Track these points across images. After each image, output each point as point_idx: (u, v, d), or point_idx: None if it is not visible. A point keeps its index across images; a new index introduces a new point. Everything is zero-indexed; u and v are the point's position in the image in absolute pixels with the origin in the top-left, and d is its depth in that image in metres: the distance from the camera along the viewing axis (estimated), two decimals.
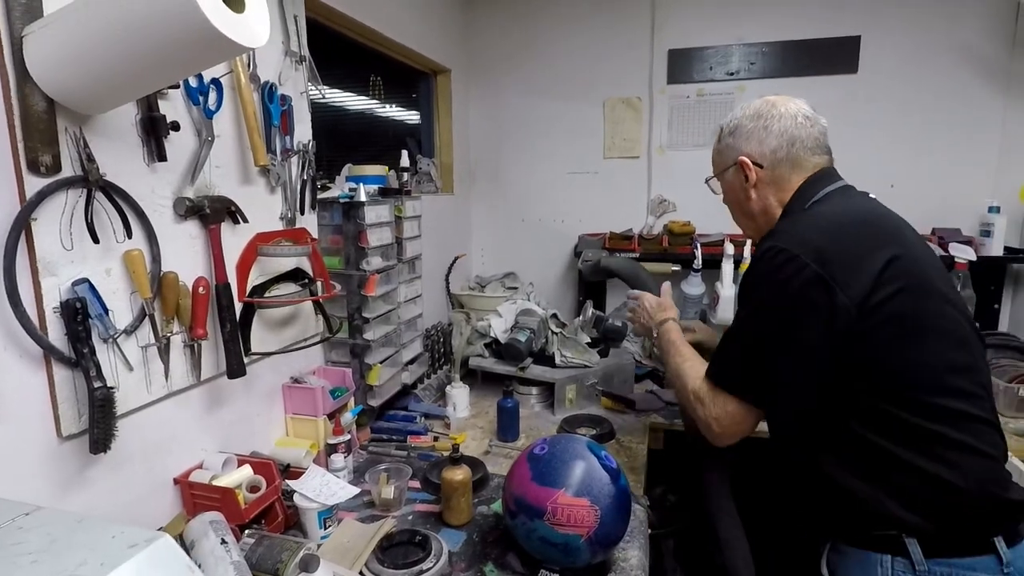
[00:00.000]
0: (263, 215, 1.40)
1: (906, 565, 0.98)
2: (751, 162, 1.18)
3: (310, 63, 1.51)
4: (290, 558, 1.10)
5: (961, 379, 1.00)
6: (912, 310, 0.98)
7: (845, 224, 1.06)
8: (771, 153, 1.16)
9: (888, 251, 0.99)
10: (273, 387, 1.51)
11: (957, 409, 0.98)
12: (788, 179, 1.17)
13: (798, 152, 1.15)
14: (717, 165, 1.29)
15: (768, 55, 2.57)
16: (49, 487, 0.97)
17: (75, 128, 0.94)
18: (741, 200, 1.24)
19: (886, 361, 0.98)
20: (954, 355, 1.00)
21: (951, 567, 0.97)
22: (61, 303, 0.94)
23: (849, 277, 0.98)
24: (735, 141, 1.21)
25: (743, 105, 1.23)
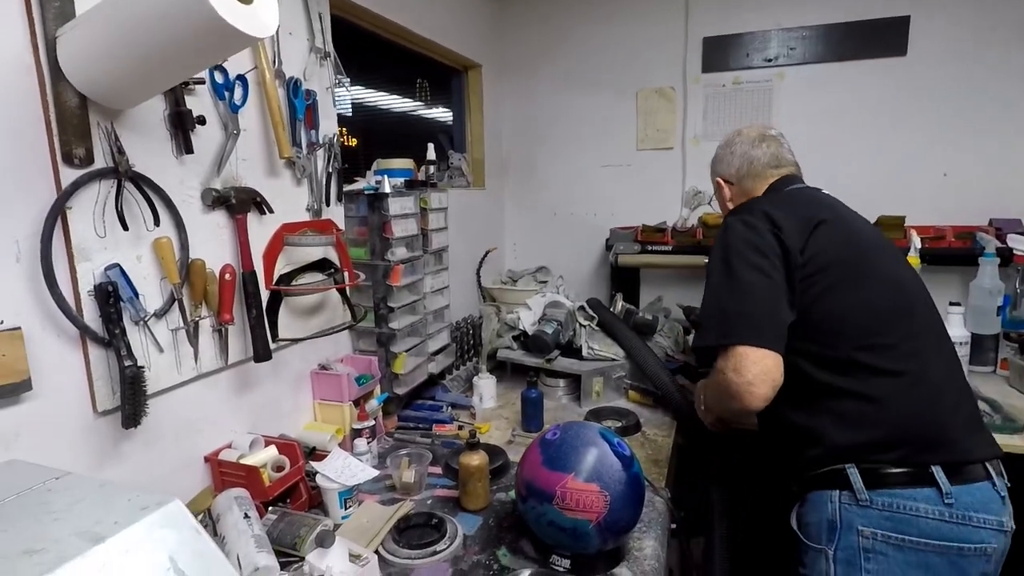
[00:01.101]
0: (289, 206, 1.45)
1: (850, 497, 1.08)
2: (723, 181, 1.50)
3: (335, 59, 1.56)
4: (307, 533, 1.15)
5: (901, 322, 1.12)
6: (842, 259, 1.14)
7: (786, 199, 1.30)
8: (736, 172, 1.46)
9: (817, 215, 1.19)
10: (301, 373, 1.57)
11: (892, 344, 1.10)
12: (752, 188, 1.43)
13: (756, 168, 1.42)
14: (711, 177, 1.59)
15: (809, 39, 2.48)
16: (86, 458, 1.04)
17: (107, 123, 1.00)
18: (724, 207, 1.55)
19: (819, 305, 1.13)
20: (889, 300, 1.14)
21: (892, 496, 1.05)
22: (95, 286, 1.00)
23: (790, 229, 1.16)
24: (714, 167, 1.54)
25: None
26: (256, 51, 1.30)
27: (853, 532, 1.08)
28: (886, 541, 1.06)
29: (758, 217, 1.20)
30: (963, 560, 1.03)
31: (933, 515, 1.03)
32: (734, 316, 1.14)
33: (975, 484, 1.04)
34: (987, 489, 1.05)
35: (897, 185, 2.43)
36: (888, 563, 1.06)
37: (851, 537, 1.09)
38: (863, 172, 2.45)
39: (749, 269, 1.15)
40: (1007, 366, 2.09)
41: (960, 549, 1.03)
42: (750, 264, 1.16)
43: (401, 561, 1.15)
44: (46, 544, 0.65)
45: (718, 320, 1.17)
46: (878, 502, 1.06)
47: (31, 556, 0.63)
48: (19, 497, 0.76)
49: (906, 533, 1.04)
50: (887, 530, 1.05)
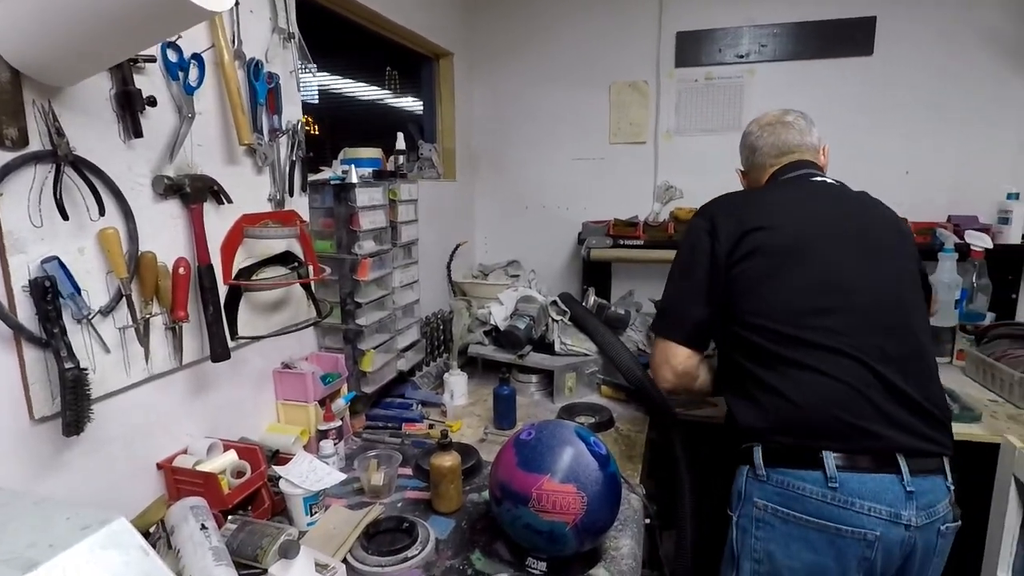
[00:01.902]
0: (250, 196, 1.37)
1: (752, 472, 1.20)
2: (740, 171, 1.58)
3: (300, 41, 1.48)
4: (270, 544, 1.08)
5: (821, 319, 1.17)
6: (766, 267, 1.22)
7: (738, 203, 1.35)
8: (746, 161, 1.52)
9: (755, 223, 1.25)
10: (263, 372, 1.49)
11: (807, 339, 1.16)
12: (758, 179, 1.48)
13: (759, 158, 1.47)
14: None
15: (780, 37, 2.49)
16: (23, 469, 0.95)
17: (43, 101, 0.91)
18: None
19: (744, 299, 1.24)
20: (815, 299, 1.19)
21: (784, 475, 1.15)
22: (30, 281, 0.91)
23: (722, 235, 1.26)
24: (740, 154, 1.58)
25: None
26: (213, 28, 1.22)
27: (751, 503, 1.20)
28: (774, 514, 1.16)
29: (704, 218, 1.33)
30: (840, 540, 1.11)
31: (817, 496, 1.11)
32: (662, 312, 1.40)
33: (871, 474, 1.10)
34: (887, 480, 1.10)
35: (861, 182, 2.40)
36: (774, 533, 1.17)
37: (749, 507, 1.21)
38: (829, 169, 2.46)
39: (680, 269, 1.35)
40: (963, 357, 2.16)
41: (838, 530, 1.10)
42: (682, 264, 1.35)
43: (371, 569, 1.10)
44: None
45: (657, 314, 1.44)
46: (773, 479, 1.16)
47: None
48: None
49: (791, 508, 1.14)
50: (776, 504, 1.16)
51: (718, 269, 1.26)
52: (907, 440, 1.12)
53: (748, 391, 1.23)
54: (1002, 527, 1.55)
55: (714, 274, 1.27)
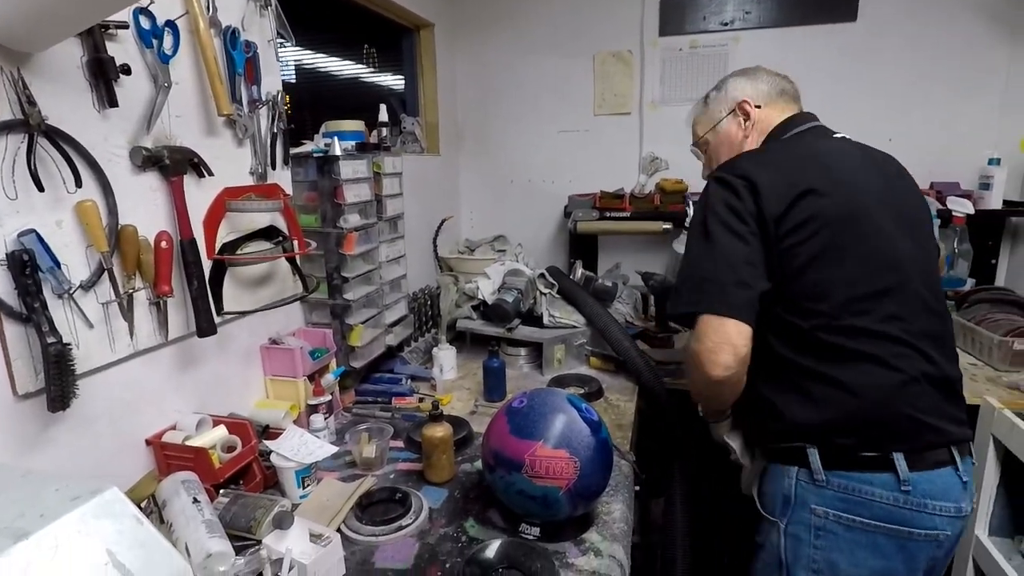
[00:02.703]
0: (231, 169, 1.34)
1: (807, 475, 1.07)
2: (746, 105, 1.29)
3: (277, 9, 1.44)
4: (264, 515, 1.09)
5: (880, 302, 1.05)
6: (823, 241, 1.05)
7: (779, 159, 1.15)
8: (764, 95, 1.30)
9: (807, 183, 1.06)
10: (250, 348, 1.47)
11: (867, 327, 1.04)
12: (770, 119, 1.28)
13: (782, 98, 1.30)
14: (706, 123, 1.38)
15: (764, 3, 2.47)
16: (7, 446, 0.93)
17: (11, 68, 0.88)
18: (735, 145, 1.32)
19: (797, 279, 1.06)
20: (875, 279, 1.05)
21: (848, 479, 1.04)
22: (7, 255, 0.89)
23: (770, 195, 1.06)
24: (728, 92, 1.33)
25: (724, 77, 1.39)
26: None
27: (806, 509, 1.08)
28: (837, 521, 1.06)
29: (738, 177, 1.10)
30: (912, 543, 1.03)
31: (888, 500, 1.02)
32: (705, 283, 1.07)
33: (936, 471, 1.03)
34: (949, 475, 1.03)
35: None
36: (837, 541, 1.06)
37: (804, 514, 1.09)
38: None
39: (726, 233, 1.07)
40: None
41: (910, 534, 1.02)
42: (727, 228, 1.07)
43: (365, 538, 1.11)
44: None
45: (690, 287, 1.10)
46: (834, 483, 1.05)
47: None
48: None
49: (858, 515, 1.04)
50: (840, 511, 1.05)
51: (768, 237, 1.06)
52: (956, 430, 1.06)
53: (799, 384, 1.08)
54: (980, 487, 1.60)
55: (766, 242, 1.06)
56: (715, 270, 1.06)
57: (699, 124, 1.40)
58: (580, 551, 1.08)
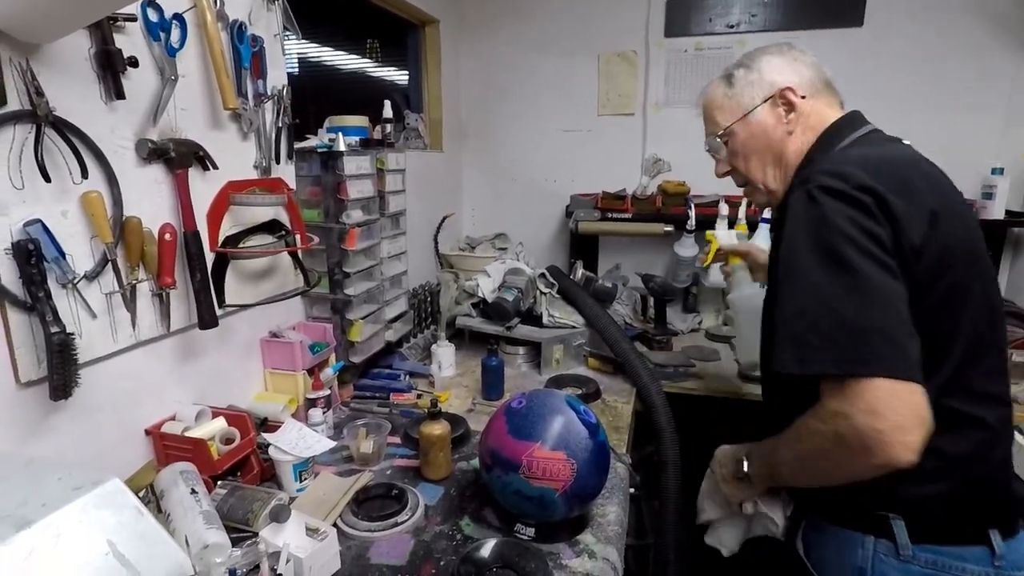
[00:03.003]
0: (235, 162, 1.35)
1: (889, 548, 0.91)
2: (789, 93, 1.04)
3: (283, 3, 1.44)
4: (260, 508, 1.09)
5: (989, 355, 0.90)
6: (950, 278, 0.86)
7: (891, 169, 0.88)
8: (809, 83, 1.05)
9: (932, 203, 0.85)
10: (250, 341, 1.48)
11: (979, 388, 0.89)
12: (822, 114, 1.04)
13: (828, 90, 1.07)
14: (732, 111, 1.09)
15: (770, 6, 2.47)
16: (9, 433, 0.94)
17: (20, 59, 0.89)
18: (774, 142, 1.06)
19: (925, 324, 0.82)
20: (988, 328, 0.90)
21: (938, 554, 0.89)
22: (13, 244, 0.90)
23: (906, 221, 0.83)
24: (763, 75, 1.06)
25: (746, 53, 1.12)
26: None
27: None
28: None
29: (862, 190, 0.84)
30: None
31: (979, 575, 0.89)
32: (863, 332, 0.79)
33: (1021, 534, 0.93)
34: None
35: None
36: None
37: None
38: None
39: (873, 264, 0.81)
40: None
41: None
42: (873, 258, 0.81)
43: (361, 534, 1.12)
44: None
45: (834, 336, 0.81)
46: (921, 558, 0.90)
47: None
48: None
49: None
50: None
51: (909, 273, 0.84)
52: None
53: None
54: None
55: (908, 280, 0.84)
56: (881, 316, 0.80)
57: (721, 110, 1.12)
58: (574, 552, 1.09)
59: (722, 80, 1.13)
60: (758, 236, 2.21)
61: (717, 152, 1.16)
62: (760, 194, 1.14)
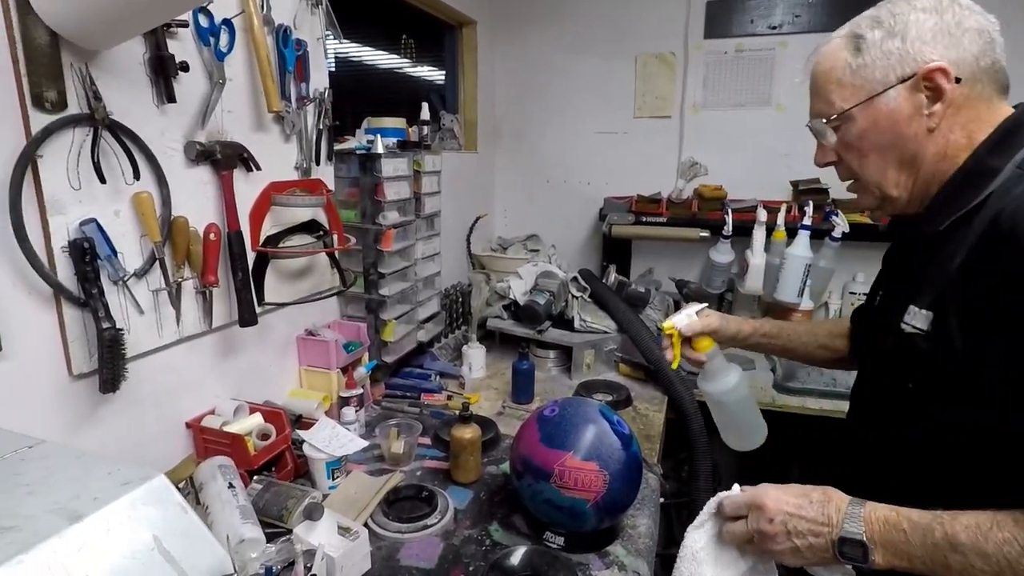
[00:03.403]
0: (277, 164, 1.37)
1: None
2: (940, 72, 0.76)
3: (327, 7, 1.46)
4: (295, 505, 1.12)
5: None
6: None
7: None
8: (973, 60, 0.77)
9: None
10: (287, 338, 1.51)
11: None
12: (989, 105, 0.79)
13: (993, 77, 0.78)
14: (854, 89, 0.82)
15: (815, 6, 2.41)
16: (61, 424, 0.98)
17: (81, 64, 0.92)
18: (905, 139, 0.81)
19: None
20: None
21: None
22: (69, 242, 0.93)
23: None
24: (908, 43, 0.78)
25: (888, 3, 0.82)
26: None
27: None
28: None
29: None
30: None
31: None
32: None
33: None
34: None
35: None
36: None
37: None
38: None
39: None
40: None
41: None
42: None
43: (391, 535, 1.13)
44: (18, 521, 0.60)
45: None
46: None
47: (3, 534, 0.58)
48: None
49: None
50: None
51: None
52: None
53: None
54: None
55: None
56: None
57: (839, 86, 0.84)
58: (604, 564, 1.08)
59: (847, 41, 0.83)
60: (797, 244, 2.16)
61: (823, 137, 0.89)
62: (871, 197, 0.89)
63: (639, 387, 1.90)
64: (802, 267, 2.16)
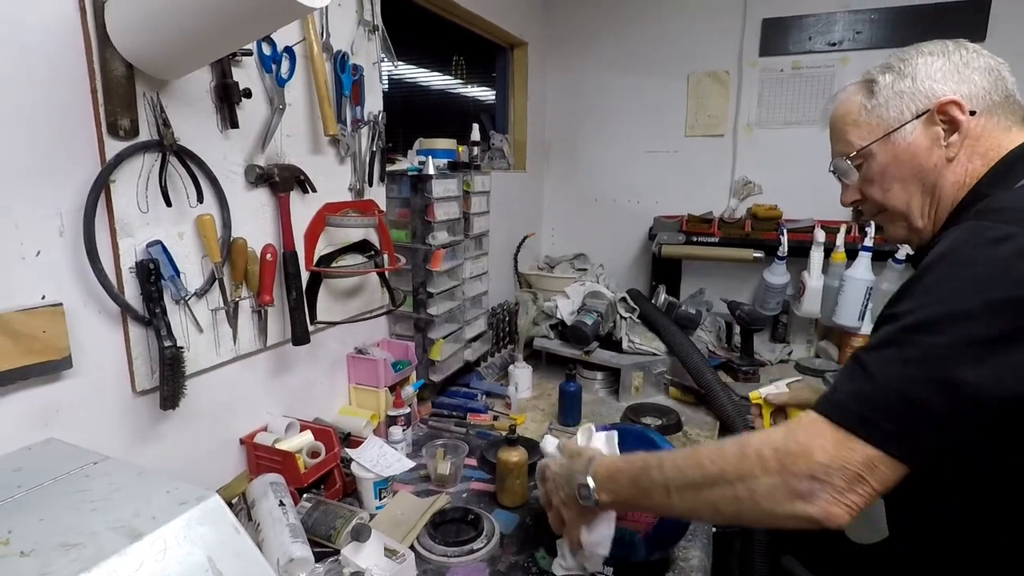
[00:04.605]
0: (331, 185, 1.41)
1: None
2: (954, 105, 0.81)
3: (383, 33, 1.50)
4: (343, 525, 1.12)
5: None
6: None
7: None
8: (985, 95, 0.81)
9: None
10: (338, 356, 1.53)
11: None
12: (999, 137, 0.81)
13: (1009, 103, 0.82)
14: (871, 128, 0.88)
15: (877, 22, 2.32)
16: (123, 438, 1.02)
17: (152, 93, 0.96)
18: (926, 170, 0.85)
19: None
20: None
21: None
22: (136, 263, 0.97)
23: None
24: (919, 82, 0.84)
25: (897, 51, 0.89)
26: (304, 22, 1.25)
27: None
28: None
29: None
30: None
31: None
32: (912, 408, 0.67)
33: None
34: None
35: None
36: None
37: None
38: None
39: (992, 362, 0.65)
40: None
41: None
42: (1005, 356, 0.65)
43: (437, 558, 1.12)
44: (83, 538, 0.62)
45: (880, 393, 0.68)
46: None
47: (68, 551, 0.60)
48: (56, 482, 0.74)
49: None
50: None
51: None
52: None
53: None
54: None
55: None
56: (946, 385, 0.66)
57: (856, 127, 0.90)
58: None
59: (860, 87, 0.91)
60: (857, 266, 2.07)
61: (846, 176, 0.94)
62: (900, 228, 0.93)
63: (690, 411, 1.84)
64: (863, 290, 2.06)
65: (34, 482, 0.73)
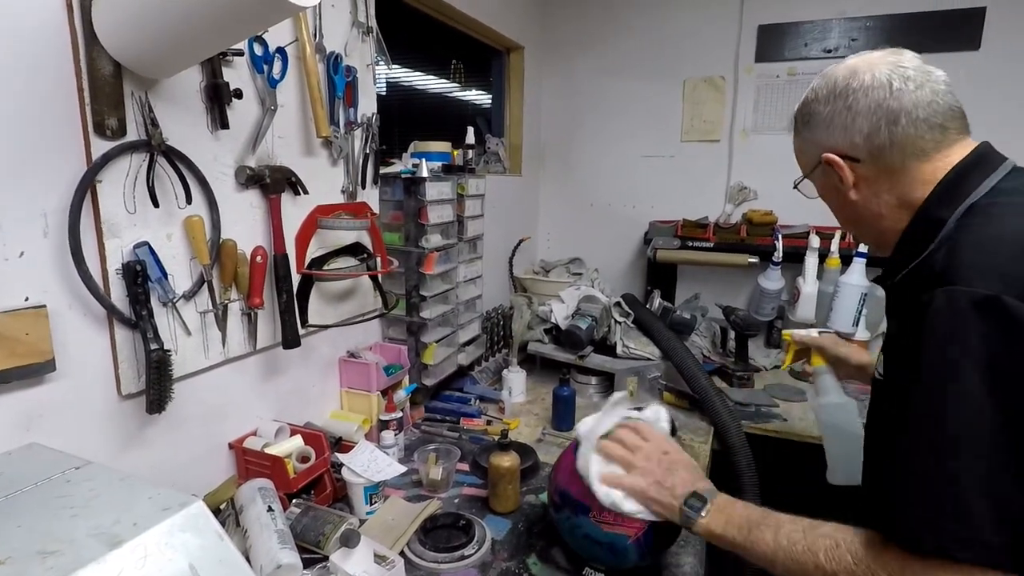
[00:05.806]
0: (324, 187, 1.40)
1: None
2: (840, 158, 0.86)
3: (377, 35, 1.49)
4: (332, 531, 1.10)
5: None
6: None
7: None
8: (865, 141, 0.83)
9: None
10: (329, 360, 1.52)
11: None
12: (906, 168, 0.82)
13: (907, 131, 0.80)
14: (802, 165, 0.97)
15: (873, 30, 2.33)
16: (109, 443, 1.00)
17: (140, 93, 0.95)
18: (842, 205, 0.91)
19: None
20: None
21: None
22: (123, 265, 0.96)
23: None
24: (813, 133, 0.90)
25: (815, 81, 0.91)
26: (297, 22, 1.24)
27: None
28: None
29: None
30: None
31: None
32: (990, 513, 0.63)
33: None
34: None
35: None
36: None
37: None
38: None
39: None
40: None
41: None
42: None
43: (427, 564, 1.10)
44: (61, 545, 0.61)
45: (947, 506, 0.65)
46: None
47: (45, 559, 0.59)
48: (37, 487, 0.72)
49: None
50: None
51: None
52: None
53: None
54: None
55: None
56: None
57: (800, 154, 0.98)
58: None
59: (791, 122, 0.96)
60: (852, 272, 2.07)
61: (806, 193, 1.00)
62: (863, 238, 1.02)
63: (684, 416, 1.83)
64: (857, 296, 2.06)
65: (13, 488, 0.72)
